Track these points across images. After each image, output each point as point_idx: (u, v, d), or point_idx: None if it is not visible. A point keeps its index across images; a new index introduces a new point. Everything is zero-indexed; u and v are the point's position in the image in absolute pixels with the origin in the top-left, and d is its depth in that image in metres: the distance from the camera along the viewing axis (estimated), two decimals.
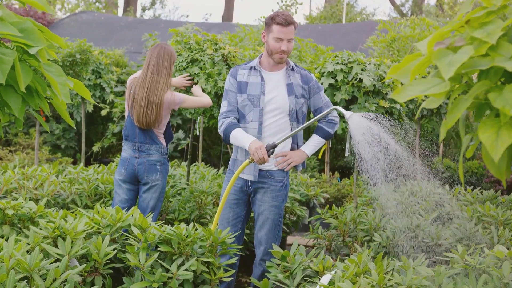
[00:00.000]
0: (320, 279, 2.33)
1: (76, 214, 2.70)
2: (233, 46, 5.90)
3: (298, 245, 2.68)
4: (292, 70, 3.07)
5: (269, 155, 2.80)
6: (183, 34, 4.82)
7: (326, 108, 3.11)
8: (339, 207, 4.02)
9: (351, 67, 3.62)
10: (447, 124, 1.31)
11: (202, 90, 4.03)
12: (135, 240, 2.40)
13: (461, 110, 1.27)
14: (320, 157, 6.09)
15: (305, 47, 7.31)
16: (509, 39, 1.29)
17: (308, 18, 16.60)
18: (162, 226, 2.55)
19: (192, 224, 2.58)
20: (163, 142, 3.59)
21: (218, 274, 2.42)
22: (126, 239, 2.55)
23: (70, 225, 2.40)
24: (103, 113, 7.84)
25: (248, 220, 3.27)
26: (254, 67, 3.07)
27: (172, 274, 2.28)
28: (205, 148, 8.70)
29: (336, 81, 3.64)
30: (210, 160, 8.88)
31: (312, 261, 2.56)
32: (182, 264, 2.37)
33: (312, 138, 3.14)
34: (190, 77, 4.06)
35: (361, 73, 3.57)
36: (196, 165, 5.56)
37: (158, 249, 2.41)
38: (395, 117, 3.74)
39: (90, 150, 8.52)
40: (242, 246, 2.96)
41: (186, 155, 8.27)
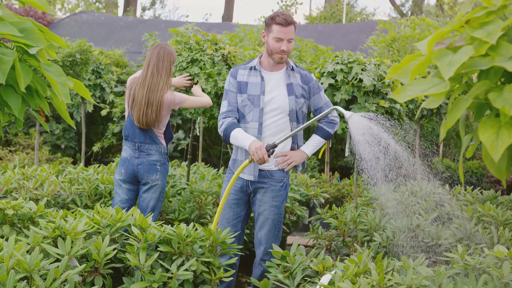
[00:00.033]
0: (320, 279, 2.33)
1: (76, 214, 2.70)
2: (233, 46, 5.89)
3: (298, 245, 2.68)
4: (292, 70, 3.07)
5: (269, 155, 2.80)
6: (183, 34, 4.81)
7: (326, 108, 3.11)
8: (339, 207, 4.01)
9: (351, 67, 3.62)
10: (447, 124, 1.31)
11: (202, 90, 4.03)
12: (135, 240, 2.40)
13: (461, 110, 1.27)
14: (320, 157, 6.09)
15: (305, 47, 7.31)
16: (509, 39, 1.29)
17: (308, 18, 16.60)
18: (162, 226, 2.55)
19: (192, 224, 2.58)
20: (163, 142, 3.59)
21: (218, 274, 2.42)
22: (126, 239, 2.55)
23: (70, 225, 2.40)
24: (103, 113, 7.84)
25: (248, 220, 3.27)
26: (254, 67, 3.07)
27: (172, 274, 2.28)
28: (205, 148, 8.70)
29: (336, 81, 3.64)
30: (210, 160, 8.88)
31: (312, 261, 2.56)
32: (182, 264, 2.37)
33: (312, 138, 3.14)
34: (190, 77, 4.06)
35: (361, 73, 3.57)
36: (196, 165, 5.56)
37: (158, 249, 2.41)
38: (395, 117, 3.74)
39: (90, 150, 8.52)
40: (242, 246, 2.96)
41: (186, 155, 8.27)
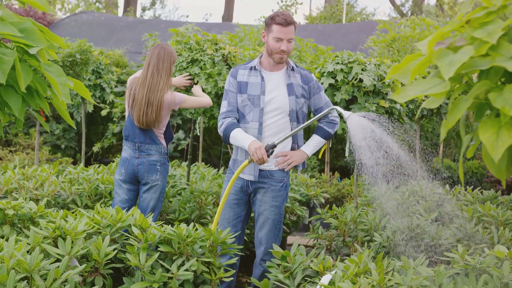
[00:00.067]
0: (320, 279, 2.33)
1: (76, 214, 2.70)
2: (233, 46, 5.89)
3: (299, 245, 2.68)
4: (292, 70, 3.07)
5: (268, 155, 2.80)
6: (183, 34, 4.82)
7: (326, 108, 3.10)
8: (339, 207, 4.01)
9: (351, 67, 3.62)
10: (448, 124, 1.31)
11: (202, 90, 4.03)
12: (136, 240, 2.40)
13: (461, 110, 1.27)
14: (320, 157, 6.08)
15: (305, 47, 7.31)
16: (509, 39, 1.28)
17: (308, 18, 16.60)
18: (162, 226, 2.55)
19: (192, 224, 2.58)
20: (163, 142, 3.59)
21: (218, 274, 2.42)
22: (126, 239, 2.55)
23: (70, 225, 2.40)
24: (103, 113, 7.84)
25: (248, 220, 3.27)
26: (254, 67, 3.07)
27: (172, 274, 2.28)
28: (205, 148, 8.70)
29: (336, 81, 3.64)
30: (210, 160, 8.88)
31: (312, 261, 2.56)
32: (183, 264, 2.37)
33: (312, 138, 3.14)
34: (189, 76, 4.06)
35: (361, 73, 3.57)
36: (196, 165, 5.56)
37: (159, 249, 2.41)
38: (395, 117, 3.74)
39: (90, 150, 8.52)
40: (242, 246, 2.96)
41: (186, 155, 8.27)
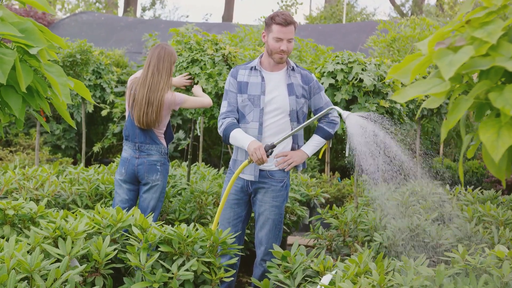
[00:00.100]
0: (320, 279, 2.33)
1: (76, 215, 2.70)
2: (233, 46, 5.90)
3: (299, 245, 2.68)
4: (292, 70, 3.07)
5: (267, 156, 2.80)
6: (184, 34, 4.81)
7: (327, 108, 3.10)
8: (340, 207, 4.01)
9: (352, 67, 3.62)
10: (448, 124, 1.31)
11: (203, 90, 4.03)
12: (136, 240, 2.40)
13: (462, 110, 1.27)
14: (320, 157, 6.08)
15: (305, 47, 7.31)
16: (509, 39, 1.28)
17: (308, 18, 16.60)
18: (162, 226, 2.55)
19: (192, 224, 2.58)
20: (164, 142, 3.59)
21: (218, 274, 2.42)
22: (127, 239, 2.55)
23: (70, 225, 2.40)
24: (104, 113, 7.84)
25: (248, 220, 3.27)
26: (255, 67, 3.07)
27: (172, 274, 2.28)
28: (205, 148, 8.70)
29: (336, 81, 3.64)
30: (210, 160, 8.88)
31: (312, 261, 2.56)
32: (183, 264, 2.37)
33: (312, 138, 3.14)
34: (189, 76, 4.06)
35: (361, 73, 3.57)
36: (196, 165, 5.56)
37: (159, 249, 2.41)
38: (396, 117, 3.74)
39: (91, 151, 8.52)
40: (242, 246, 2.96)
41: (187, 155, 8.27)
